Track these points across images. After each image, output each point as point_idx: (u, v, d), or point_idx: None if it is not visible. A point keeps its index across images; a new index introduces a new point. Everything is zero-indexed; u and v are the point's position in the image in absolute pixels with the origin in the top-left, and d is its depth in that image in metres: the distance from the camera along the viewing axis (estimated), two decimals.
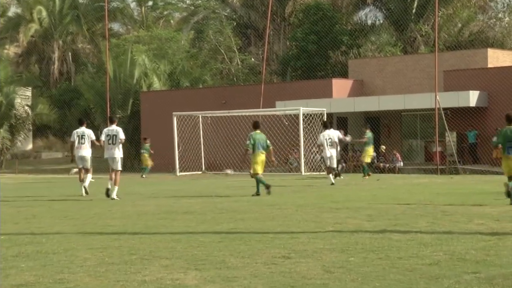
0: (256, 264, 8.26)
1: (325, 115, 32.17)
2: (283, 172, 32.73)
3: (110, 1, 61.98)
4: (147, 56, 49.13)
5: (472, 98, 34.54)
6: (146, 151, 34.57)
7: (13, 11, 68.32)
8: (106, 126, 20.16)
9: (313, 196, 18.38)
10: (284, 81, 49.53)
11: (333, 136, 24.82)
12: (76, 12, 63.34)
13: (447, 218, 12.42)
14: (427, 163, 35.50)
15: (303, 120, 31.62)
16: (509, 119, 15.33)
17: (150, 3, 67.23)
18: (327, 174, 24.20)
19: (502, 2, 53.73)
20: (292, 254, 8.87)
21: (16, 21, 64.15)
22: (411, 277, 7.38)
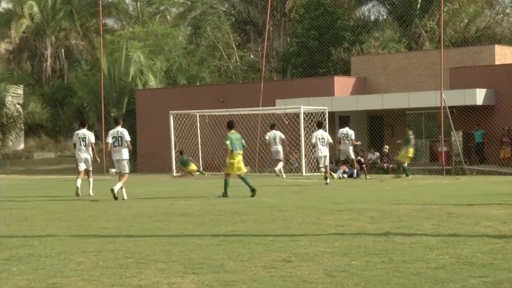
0: (256, 268, 8.26)
1: (327, 114, 32.23)
2: (285, 173, 32.70)
3: None
4: (143, 53, 49.14)
5: (479, 96, 34.55)
6: (190, 161, 33.00)
7: (4, 7, 68.36)
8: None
9: (314, 198, 18.39)
10: (284, 79, 49.57)
11: (327, 136, 25.27)
12: (69, 7, 63.32)
13: (453, 220, 12.44)
14: (432, 164, 35.52)
15: (304, 119, 31.63)
16: None
17: None
18: (326, 174, 24.63)
19: None
20: (293, 258, 8.87)
21: (7, 17, 64.18)
22: (416, 281, 7.39)
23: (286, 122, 33.32)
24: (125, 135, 19.24)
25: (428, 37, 48.59)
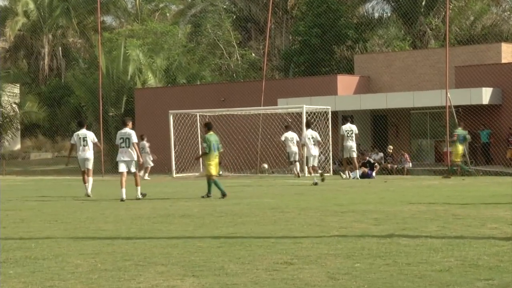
0: (257, 271, 8.27)
1: (330, 113, 32.26)
2: (285, 173, 32.74)
3: None
4: (142, 51, 49.12)
5: (485, 95, 34.55)
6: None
7: None
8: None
9: (317, 199, 18.39)
10: (287, 78, 49.56)
11: (316, 136, 26.37)
12: (66, 5, 63.29)
13: (459, 222, 12.44)
14: (438, 164, 35.50)
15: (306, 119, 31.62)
16: None
17: None
18: (310, 174, 25.76)
19: None
20: (295, 260, 8.88)
21: (2, 14, 64.16)
22: (421, 284, 7.40)
23: (289, 121, 33.32)
24: (132, 137, 19.83)
25: (433, 35, 48.58)
